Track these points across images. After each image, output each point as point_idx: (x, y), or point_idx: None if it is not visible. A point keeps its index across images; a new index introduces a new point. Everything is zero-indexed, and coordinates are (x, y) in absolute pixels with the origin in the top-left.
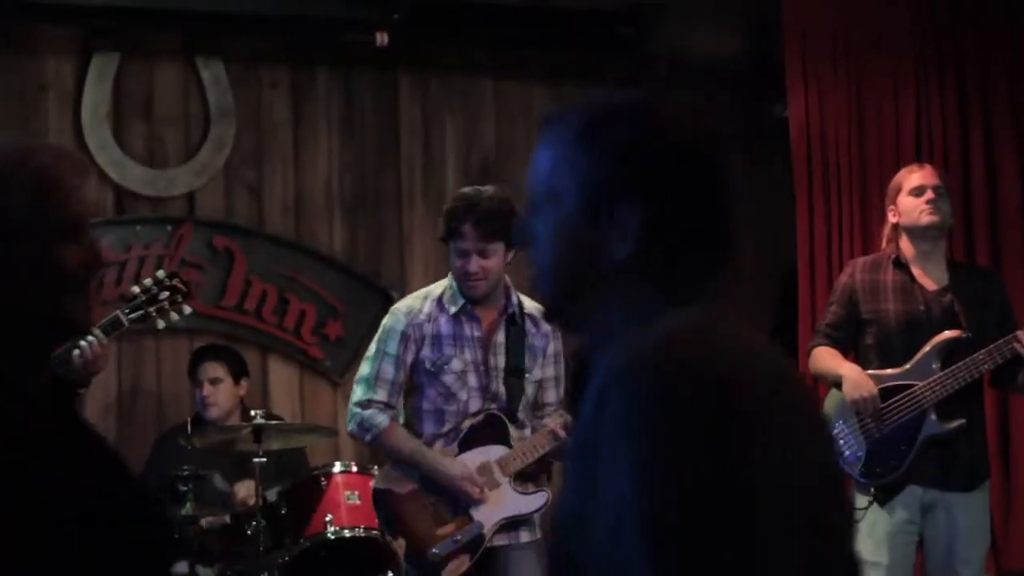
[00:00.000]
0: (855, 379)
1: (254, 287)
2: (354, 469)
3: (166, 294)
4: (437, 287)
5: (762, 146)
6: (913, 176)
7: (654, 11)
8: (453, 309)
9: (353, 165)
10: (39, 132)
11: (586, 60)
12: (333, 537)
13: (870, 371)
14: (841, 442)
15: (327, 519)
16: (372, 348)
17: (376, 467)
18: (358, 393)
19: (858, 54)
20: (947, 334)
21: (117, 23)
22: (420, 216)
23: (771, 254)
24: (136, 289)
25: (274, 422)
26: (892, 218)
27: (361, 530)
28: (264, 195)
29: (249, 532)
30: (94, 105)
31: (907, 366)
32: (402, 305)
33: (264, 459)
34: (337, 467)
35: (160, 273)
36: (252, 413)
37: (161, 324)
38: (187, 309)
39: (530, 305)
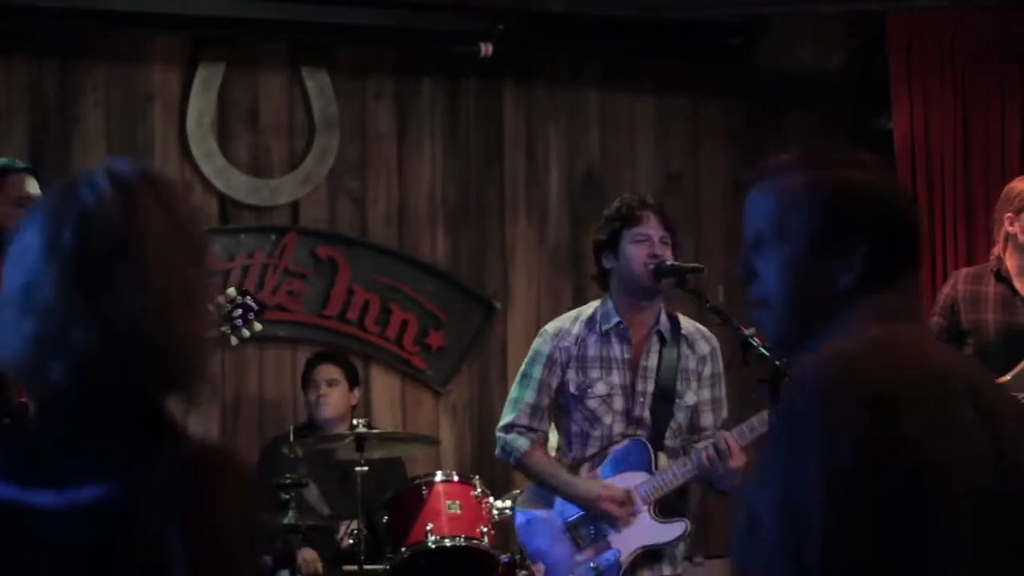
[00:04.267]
0: None
1: (357, 296)
2: (455, 478)
3: (239, 311)
4: (589, 307)
5: None
6: None
7: (761, 23)
8: (606, 327)
9: (457, 175)
10: (145, 141)
11: (694, 71)
12: (434, 547)
13: None
14: None
15: (428, 528)
16: (521, 370)
17: (477, 477)
18: (504, 417)
19: (963, 65)
20: None
21: (223, 33)
22: (523, 226)
23: None
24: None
25: (377, 431)
26: (1009, 227)
27: (462, 539)
28: (368, 205)
29: (351, 541)
30: (199, 114)
31: (1007, 378)
32: (551, 327)
33: (366, 468)
34: (438, 476)
35: (231, 291)
36: (354, 422)
37: (234, 340)
38: (257, 326)
39: (689, 326)
